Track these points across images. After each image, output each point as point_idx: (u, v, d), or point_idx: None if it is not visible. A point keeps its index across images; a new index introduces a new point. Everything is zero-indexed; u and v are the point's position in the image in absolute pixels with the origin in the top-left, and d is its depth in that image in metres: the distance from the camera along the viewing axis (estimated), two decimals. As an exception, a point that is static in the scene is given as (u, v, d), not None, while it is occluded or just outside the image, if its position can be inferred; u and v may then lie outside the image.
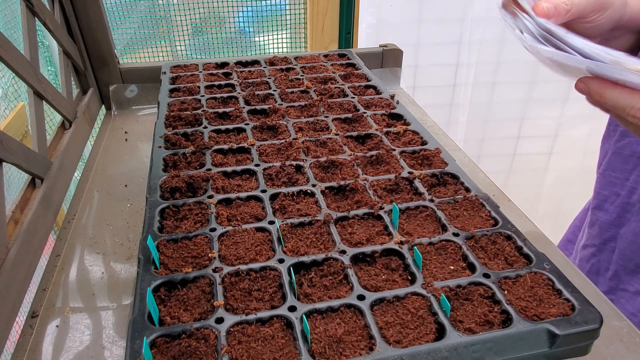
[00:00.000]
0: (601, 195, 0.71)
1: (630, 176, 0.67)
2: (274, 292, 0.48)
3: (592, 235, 0.72)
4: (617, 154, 0.68)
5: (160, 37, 1.23)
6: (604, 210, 0.70)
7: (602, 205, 0.70)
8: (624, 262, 0.67)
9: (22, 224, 0.61)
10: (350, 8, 1.16)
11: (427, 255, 0.52)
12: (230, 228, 0.56)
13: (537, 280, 0.48)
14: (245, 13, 1.23)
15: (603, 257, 0.71)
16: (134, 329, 0.43)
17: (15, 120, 0.85)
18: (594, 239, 0.72)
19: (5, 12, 0.94)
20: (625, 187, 0.67)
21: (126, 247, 0.67)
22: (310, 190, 0.62)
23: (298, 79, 0.93)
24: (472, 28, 1.61)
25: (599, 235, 0.71)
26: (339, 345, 0.42)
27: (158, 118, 0.79)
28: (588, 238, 0.74)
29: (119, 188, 0.79)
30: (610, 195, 0.69)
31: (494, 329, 0.44)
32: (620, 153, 0.68)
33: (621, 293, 0.68)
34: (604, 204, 0.70)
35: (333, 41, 1.21)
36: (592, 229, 0.72)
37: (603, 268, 0.71)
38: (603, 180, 0.71)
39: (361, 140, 0.75)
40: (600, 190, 0.71)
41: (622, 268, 0.68)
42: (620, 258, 0.68)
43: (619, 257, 0.68)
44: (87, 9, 0.96)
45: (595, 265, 0.72)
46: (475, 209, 0.60)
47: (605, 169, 0.70)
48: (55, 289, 0.61)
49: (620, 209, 0.68)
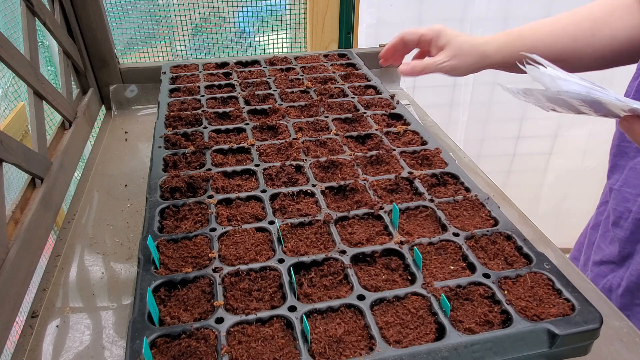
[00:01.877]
0: (617, 212, 0.71)
1: None
2: (274, 292, 0.48)
3: (613, 252, 0.72)
4: (633, 170, 0.68)
5: (160, 37, 1.23)
6: (619, 227, 0.70)
7: (619, 222, 0.70)
8: (635, 278, 0.67)
9: (22, 224, 0.61)
10: (350, 8, 1.16)
11: (427, 255, 0.52)
12: (230, 228, 0.56)
13: (537, 280, 0.48)
14: (245, 13, 1.23)
15: (619, 273, 0.71)
16: (134, 329, 0.43)
17: (15, 120, 0.85)
18: (614, 256, 0.72)
19: (5, 12, 0.94)
20: (636, 202, 0.67)
21: (126, 247, 0.67)
22: (310, 190, 0.62)
23: (298, 79, 0.93)
24: (472, 28, 1.61)
25: (618, 252, 0.71)
26: (339, 345, 0.42)
27: (158, 118, 0.79)
28: (606, 254, 0.74)
29: (119, 188, 0.79)
30: (624, 212, 0.69)
31: (494, 329, 0.44)
32: (635, 169, 0.68)
33: (637, 308, 0.68)
34: (619, 220, 0.70)
35: (333, 41, 1.21)
36: (613, 245, 0.72)
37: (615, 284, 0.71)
38: (619, 196, 0.70)
39: (361, 140, 0.75)
40: (616, 207, 0.71)
41: (634, 283, 0.68)
42: (632, 273, 0.68)
43: (632, 272, 0.68)
44: (87, 9, 0.96)
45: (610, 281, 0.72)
46: (475, 209, 0.60)
47: (622, 185, 0.70)
48: (55, 289, 0.60)
49: (633, 225, 0.68)
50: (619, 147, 0.71)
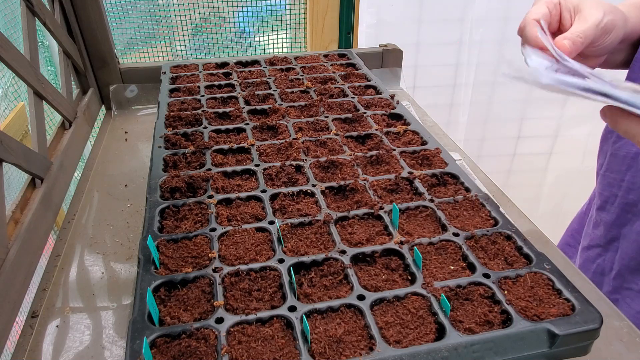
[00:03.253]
0: (603, 197, 0.72)
1: (625, 177, 0.69)
2: (274, 292, 0.48)
3: (597, 235, 0.74)
4: (614, 155, 0.70)
5: (160, 37, 1.23)
6: (606, 211, 0.72)
7: (604, 206, 0.72)
8: (627, 261, 0.69)
9: (22, 224, 0.61)
10: (350, 8, 1.16)
11: (427, 255, 0.52)
12: (230, 228, 0.56)
13: (537, 280, 0.48)
14: (245, 13, 1.23)
15: (608, 257, 0.72)
16: (134, 329, 0.43)
17: (15, 120, 0.85)
18: (599, 239, 0.74)
19: (5, 12, 0.94)
20: (621, 187, 0.69)
21: (126, 247, 0.67)
22: (310, 190, 0.62)
23: (298, 79, 0.93)
24: (472, 28, 1.61)
25: (603, 236, 0.72)
26: (339, 345, 0.42)
27: (158, 118, 0.79)
28: (593, 239, 0.75)
29: (119, 188, 0.79)
30: (610, 196, 0.71)
31: (494, 329, 0.44)
32: (616, 154, 0.70)
33: (626, 292, 0.69)
34: (605, 204, 0.72)
35: (333, 41, 1.21)
36: (597, 229, 0.74)
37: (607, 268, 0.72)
38: (603, 181, 0.72)
39: (361, 140, 0.75)
40: (601, 192, 0.73)
41: (625, 267, 0.69)
42: (623, 257, 0.69)
43: (622, 256, 0.69)
44: (87, 9, 0.96)
45: (600, 265, 0.74)
46: (475, 209, 0.60)
47: (605, 170, 0.72)
48: (55, 289, 0.60)
49: (620, 210, 0.69)
50: (604, 134, 0.73)
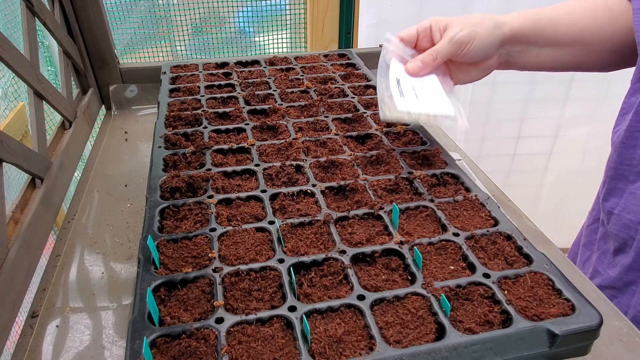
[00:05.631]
0: (619, 239, 0.68)
1: None
2: (274, 292, 0.48)
3: (612, 277, 0.71)
4: (632, 195, 0.66)
5: (160, 37, 1.23)
6: (624, 253, 0.68)
7: (623, 248, 0.68)
8: None
9: (22, 224, 0.61)
10: (350, 8, 1.16)
11: (427, 255, 0.52)
12: (230, 228, 0.56)
13: (537, 280, 0.48)
14: (245, 13, 1.23)
15: (623, 300, 0.69)
16: (134, 329, 0.43)
17: (15, 120, 0.85)
18: (614, 281, 0.71)
19: (5, 12, 0.94)
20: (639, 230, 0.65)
21: (126, 247, 0.67)
22: (310, 190, 0.62)
23: (298, 79, 0.93)
24: (472, 28, 1.61)
25: (620, 278, 0.69)
26: (339, 345, 0.42)
27: (158, 118, 0.79)
28: (606, 279, 0.72)
29: (119, 188, 0.79)
30: (628, 239, 0.67)
31: (494, 329, 0.44)
32: (635, 194, 0.65)
33: None
34: (624, 247, 0.68)
35: (333, 41, 1.21)
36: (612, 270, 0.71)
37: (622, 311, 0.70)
38: (619, 222, 0.68)
39: (361, 140, 0.75)
40: (617, 233, 0.69)
41: None
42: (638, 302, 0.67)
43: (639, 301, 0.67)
44: (87, 9, 0.96)
45: None
46: (475, 209, 0.60)
47: (621, 210, 0.68)
48: (55, 289, 0.60)
49: (637, 254, 0.66)
50: (617, 170, 0.68)
